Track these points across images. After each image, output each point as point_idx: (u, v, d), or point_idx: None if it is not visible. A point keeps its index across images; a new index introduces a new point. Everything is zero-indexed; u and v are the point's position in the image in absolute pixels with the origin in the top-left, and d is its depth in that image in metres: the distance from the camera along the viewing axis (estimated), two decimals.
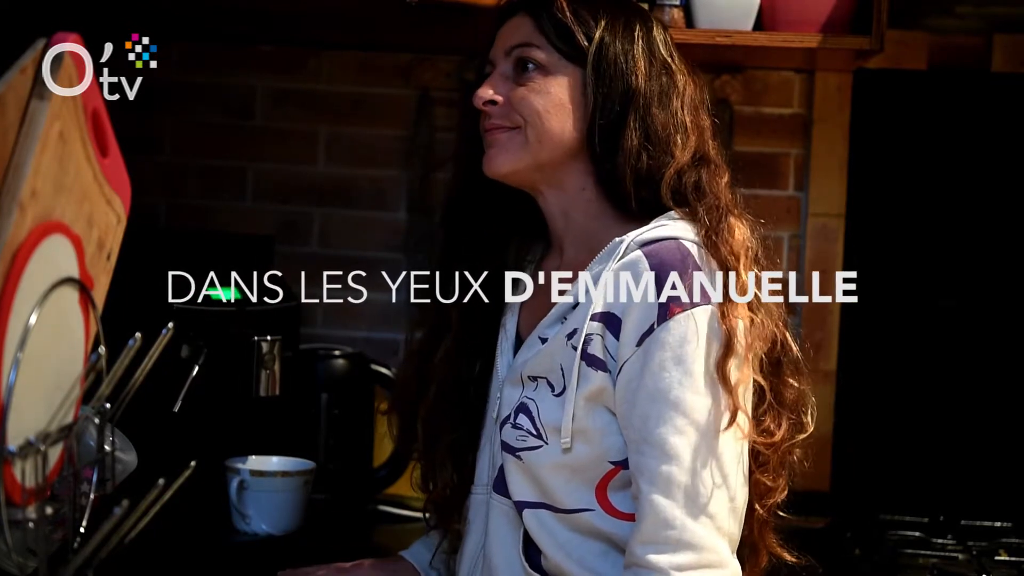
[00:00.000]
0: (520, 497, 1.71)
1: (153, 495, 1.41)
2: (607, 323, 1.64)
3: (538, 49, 1.73)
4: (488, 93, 1.74)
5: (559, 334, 1.69)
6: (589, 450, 1.66)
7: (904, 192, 2.66)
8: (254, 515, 2.12)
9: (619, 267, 1.66)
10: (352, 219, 2.72)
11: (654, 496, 1.59)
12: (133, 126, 1.74)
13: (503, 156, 1.73)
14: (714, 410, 1.60)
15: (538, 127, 1.72)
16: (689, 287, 1.61)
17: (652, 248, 1.65)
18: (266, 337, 2.25)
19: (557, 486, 1.68)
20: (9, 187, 1.27)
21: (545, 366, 1.70)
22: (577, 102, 1.71)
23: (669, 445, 1.59)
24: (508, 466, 1.72)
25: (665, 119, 1.71)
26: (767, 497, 1.71)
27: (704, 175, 1.71)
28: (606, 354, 1.64)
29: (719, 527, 1.60)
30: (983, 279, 2.65)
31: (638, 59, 1.72)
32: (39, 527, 1.32)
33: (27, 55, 1.32)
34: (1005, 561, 2.30)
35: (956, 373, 2.64)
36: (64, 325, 1.39)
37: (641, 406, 1.61)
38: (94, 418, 1.45)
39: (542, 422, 1.68)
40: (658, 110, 1.71)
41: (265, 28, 2.56)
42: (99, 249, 1.46)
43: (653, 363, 1.60)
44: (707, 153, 1.73)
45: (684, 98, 1.73)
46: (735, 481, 1.62)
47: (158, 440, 1.84)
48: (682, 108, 1.73)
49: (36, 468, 1.32)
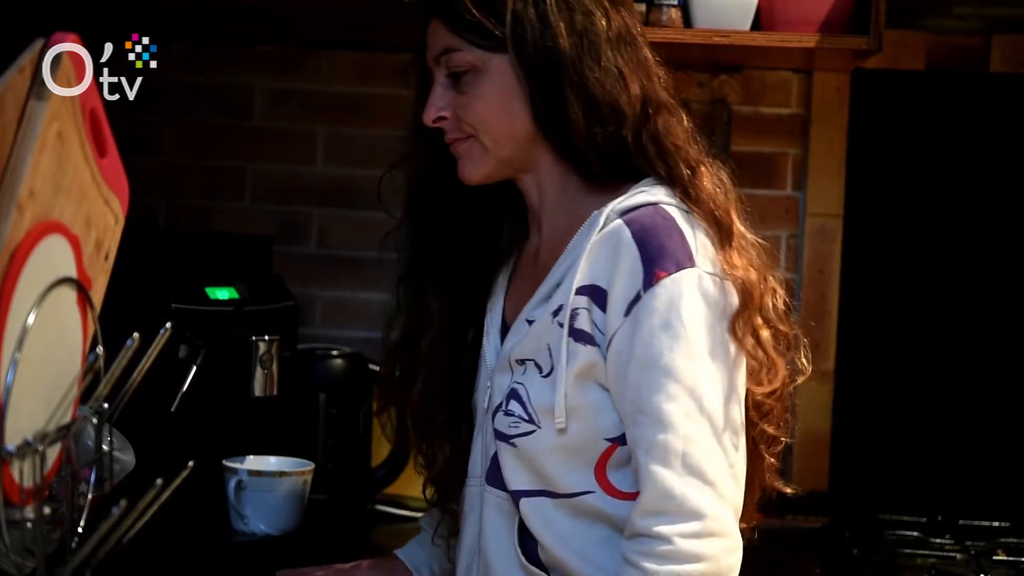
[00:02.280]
0: (517, 486, 1.67)
1: (151, 495, 1.41)
2: (593, 296, 1.60)
3: (460, 53, 1.66)
4: (431, 113, 1.71)
5: (545, 312, 1.64)
6: (584, 429, 1.62)
7: (902, 192, 2.66)
8: (252, 515, 2.12)
9: (600, 238, 1.60)
10: (351, 219, 2.72)
11: (652, 467, 1.55)
12: (132, 126, 1.74)
13: (470, 167, 1.69)
14: (707, 374, 1.56)
15: (488, 132, 1.66)
16: (673, 250, 1.57)
17: (632, 215, 1.60)
18: (264, 337, 2.25)
19: (555, 470, 1.64)
20: (7, 187, 1.27)
21: (532, 347, 1.65)
22: (514, 92, 1.64)
23: (663, 413, 1.55)
24: (503, 455, 1.68)
25: (602, 76, 1.62)
26: (774, 445, 1.69)
27: (660, 124, 1.64)
28: (594, 328, 1.60)
29: (720, 494, 1.55)
30: (981, 279, 2.65)
31: (556, 20, 1.62)
32: (37, 527, 1.32)
33: (25, 55, 1.31)
34: (1003, 561, 2.30)
35: (954, 373, 2.64)
36: (62, 325, 1.39)
37: (633, 376, 1.57)
38: (92, 418, 1.45)
39: (533, 406, 1.64)
40: (592, 69, 1.62)
41: (264, 28, 2.57)
42: (97, 249, 1.46)
43: (642, 331, 1.56)
44: (655, 96, 1.65)
45: (612, 40, 1.64)
46: (734, 446, 1.58)
47: (156, 440, 1.84)
48: (614, 53, 1.63)
49: (34, 468, 1.32)
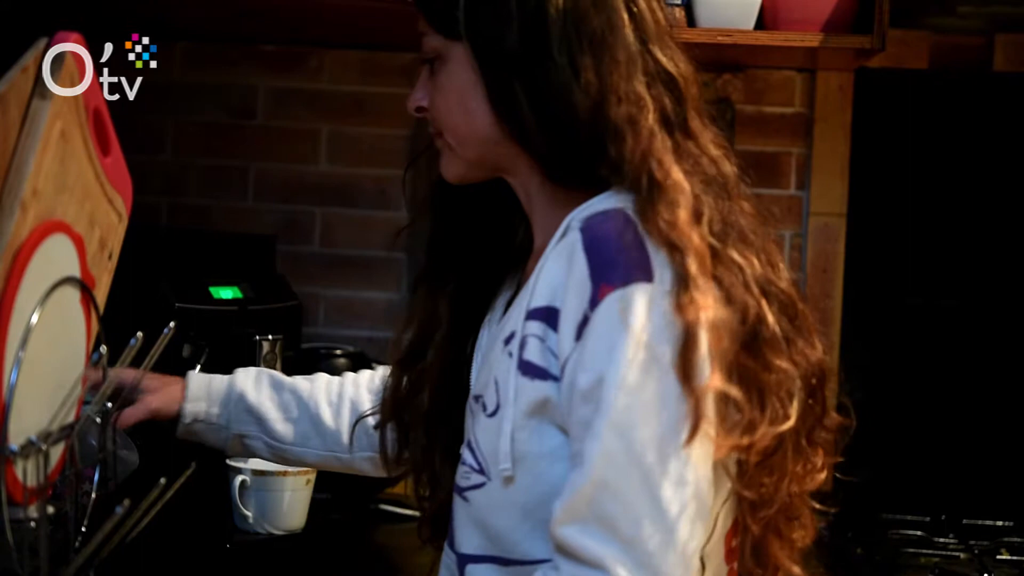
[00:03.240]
0: (465, 549, 1.43)
1: (154, 494, 1.41)
2: (547, 319, 1.35)
3: (427, 37, 1.47)
4: (410, 104, 1.52)
5: (496, 340, 1.43)
6: (534, 481, 1.35)
7: (905, 191, 2.66)
8: (256, 514, 2.12)
9: (556, 251, 1.37)
10: (354, 218, 2.72)
11: (557, 509, 1.30)
12: (135, 125, 1.74)
13: (444, 166, 1.51)
14: (646, 412, 1.27)
15: (449, 129, 1.47)
16: (625, 262, 1.30)
17: (590, 222, 1.35)
18: (267, 336, 2.25)
19: (508, 532, 1.38)
20: (11, 186, 1.27)
21: (483, 382, 1.43)
22: (472, 86, 1.43)
23: (583, 453, 1.28)
24: (456, 511, 1.45)
25: (555, 74, 1.38)
26: (760, 509, 1.38)
27: (625, 129, 1.37)
28: (548, 357, 1.34)
29: (640, 559, 1.26)
30: (985, 278, 2.65)
31: (515, 6, 1.39)
32: (41, 526, 1.32)
33: (28, 55, 1.32)
34: (1007, 560, 2.30)
35: (957, 372, 2.64)
36: (65, 324, 1.40)
37: (576, 412, 1.31)
38: (96, 417, 1.45)
39: (482, 452, 1.40)
40: (544, 65, 1.38)
41: (267, 27, 2.56)
42: (101, 248, 1.46)
43: (585, 358, 1.30)
44: (621, 98, 1.39)
45: (579, 35, 1.39)
46: (677, 503, 1.27)
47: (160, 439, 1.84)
48: (578, 50, 1.38)
49: (38, 467, 1.32)
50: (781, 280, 1.40)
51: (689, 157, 1.40)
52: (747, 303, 1.34)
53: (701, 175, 1.39)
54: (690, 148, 1.41)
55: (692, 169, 1.39)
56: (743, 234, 1.38)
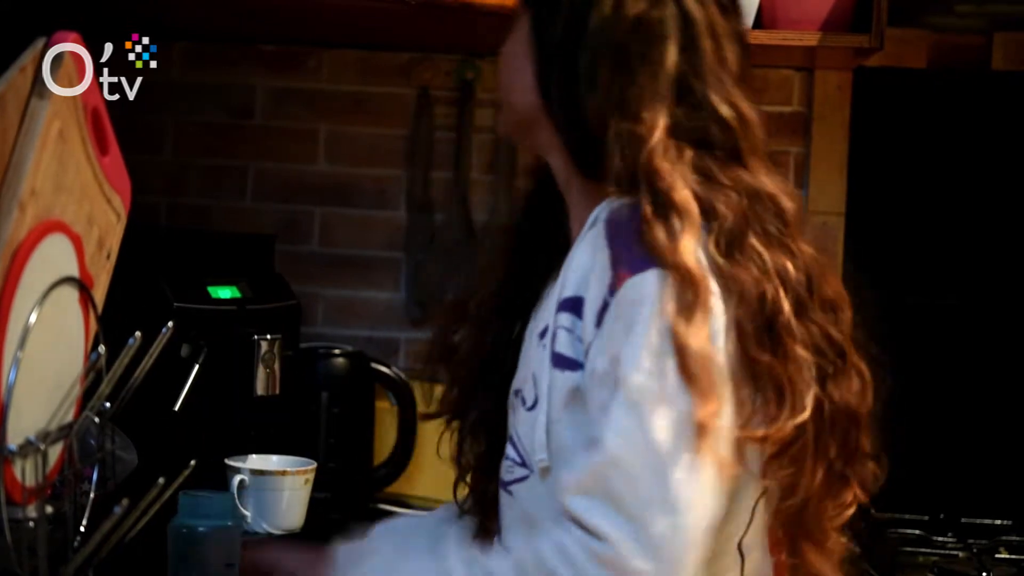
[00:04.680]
0: (509, 544, 1.44)
1: (153, 494, 1.41)
2: (575, 309, 1.37)
3: None
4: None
5: (532, 334, 1.46)
6: None
7: (904, 190, 2.66)
8: (254, 514, 2.12)
9: (586, 241, 1.40)
10: (353, 218, 2.72)
11: (564, 478, 1.33)
12: (133, 125, 1.74)
13: (497, 120, 1.59)
14: (660, 392, 1.29)
15: (502, 85, 1.54)
16: (644, 246, 1.33)
17: (614, 212, 1.38)
18: (266, 336, 2.25)
19: (550, 524, 1.37)
20: (9, 186, 1.27)
21: (521, 376, 1.46)
22: (524, 52, 1.48)
23: (601, 435, 1.30)
24: (503, 508, 1.48)
25: (577, 72, 1.43)
26: (784, 499, 1.39)
27: (622, 138, 1.40)
28: (576, 347, 1.37)
29: (640, 534, 1.27)
30: (984, 277, 2.65)
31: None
32: (39, 526, 1.32)
33: (27, 54, 1.32)
34: (1006, 559, 2.30)
35: (956, 371, 2.64)
36: (64, 324, 1.40)
37: (595, 396, 1.33)
38: (94, 417, 1.45)
39: (522, 445, 1.43)
40: (580, 58, 1.43)
41: (266, 27, 2.56)
42: (99, 248, 1.46)
43: (604, 342, 1.33)
44: (621, 101, 1.41)
45: (617, 39, 1.43)
46: (687, 485, 1.29)
47: (158, 439, 1.84)
48: (614, 50, 1.42)
49: (36, 467, 1.32)
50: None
51: (720, 185, 1.40)
52: (764, 291, 1.35)
53: (732, 200, 1.39)
54: (721, 177, 1.40)
55: (718, 195, 1.39)
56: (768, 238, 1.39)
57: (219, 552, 1.79)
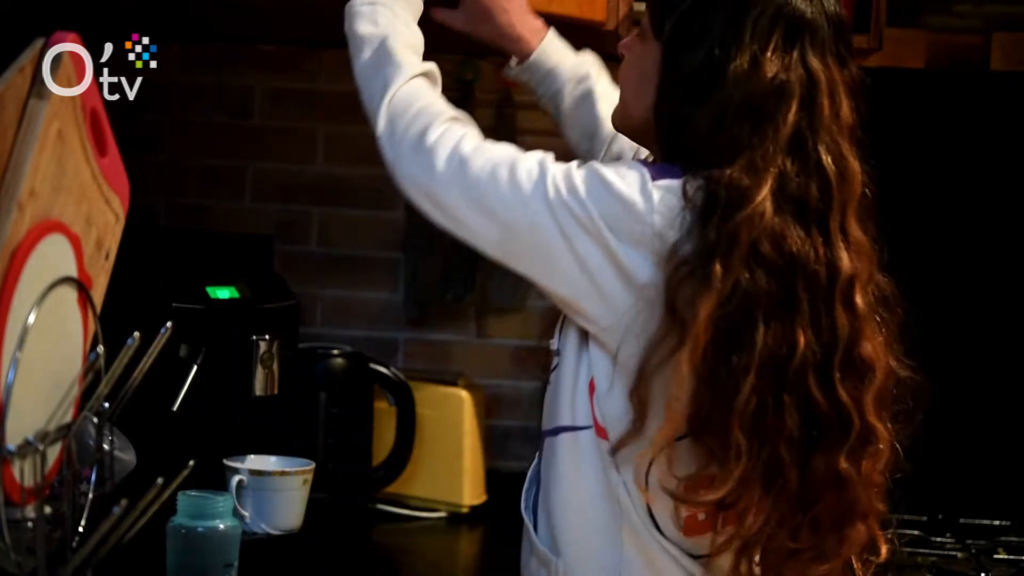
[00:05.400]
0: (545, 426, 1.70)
1: (152, 494, 1.41)
2: None
3: (645, 16, 1.65)
4: (620, 47, 1.70)
5: None
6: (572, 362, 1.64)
7: (902, 191, 2.66)
8: (253, 514, 2.12)
9: None
10: (351, 218, 2.72)
11: None
12: (132, 126, 1.74)
13: (612, 112, 1.73)
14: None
15: (621, 91, 1.69)
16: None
17: None
18: (265, 336, 2.25)
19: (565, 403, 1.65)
20: (7, 186, 1.27)
21: None
22: (650, 76, 1.61)
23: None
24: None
25: (703, 117, 1.54)
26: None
27: (735, 190, 1.50)
28: None
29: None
30: (983, 278, 2.65)
31: (702, 44, 1.55)
32: (38, 526, 1.32)
33: (26, 54, 1.32)
34: (1004, 560, 2.30)
35: (954, 371, 2.64)
36: (63, 325, 1.40)
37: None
38: (93, 417, 1.45)
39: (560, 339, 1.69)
40: (705, 106, 1.54)
41: (264, 28, 2.56)
42: (98, 248, 1.46)
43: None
44: (741, 150, 1.52)
45: (739, 85, 1.52)
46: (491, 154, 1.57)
47: (157, 439, 1.84)
48: (728, 101, 1.52)
49: (35, 467, 1.32)
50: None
51: (791, 231, 1.50)
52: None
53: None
54: (794, 232, 1.50)
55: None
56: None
57: (218, 552, 1.80)
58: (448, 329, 2.73)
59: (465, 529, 2.43)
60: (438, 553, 2.35)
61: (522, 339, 2.71)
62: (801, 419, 1.49)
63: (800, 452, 1.49)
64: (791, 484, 1.49)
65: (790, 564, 1.53)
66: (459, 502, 2.47)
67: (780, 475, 1.48)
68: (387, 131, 1.64)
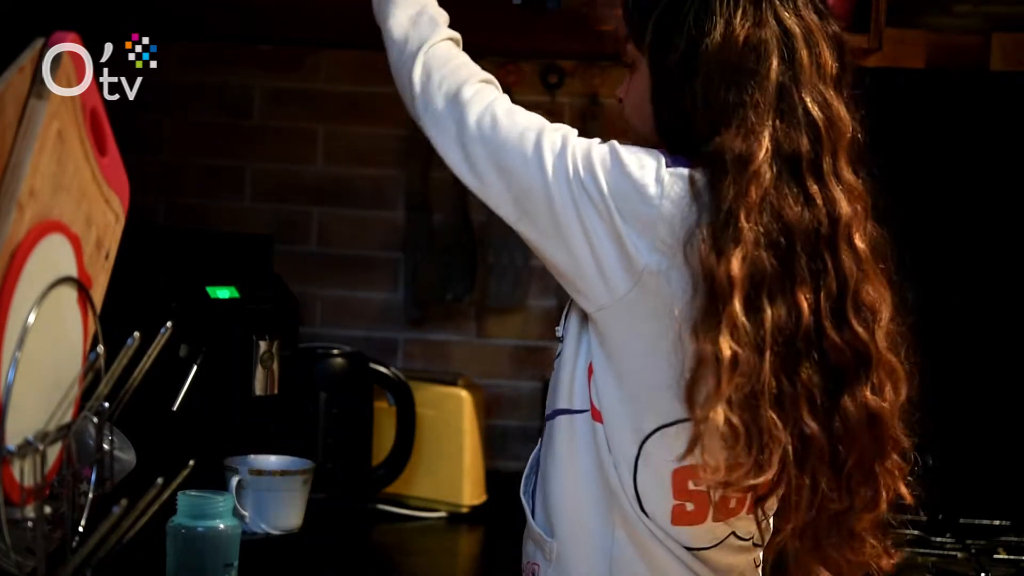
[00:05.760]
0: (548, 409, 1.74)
1: (152, 494, 1.41)
2: None
3: (629, 46, 1.70)
4: (618, 92, 1.74)
5: None
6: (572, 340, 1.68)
7: (902, 191, 2.66)
8: (253, 514, 2.12)
9: None
10: (351, 218, 2.72)
11: None
12: (132, 125, 1.74)
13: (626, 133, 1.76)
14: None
15: (630, 120, 1.72)
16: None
17: None
18: (264, 336, 2.25)
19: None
20: (7, 186, 1.27)
21: None
22: (647, 91, 1.66)
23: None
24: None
25: (691, 99, 1.60)
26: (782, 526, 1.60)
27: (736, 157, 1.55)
28: None
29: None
30: (982, 278, 2.65)
31: (676, 43, 1.61)
32: (38, 526, 1.32)
33: (25, 54, 1.32)
34: (1004, 560, 2.30)
35: (953, 371, 2.64)
36: (62, 324, 1.39)
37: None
38: (93, 417, 1.45)
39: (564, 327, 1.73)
40: (690, 89, 1.60)
41: (264, 28, 2.56)
42: (97, 248, 1.46)
43: None
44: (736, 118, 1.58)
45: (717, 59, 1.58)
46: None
47: (157, 439, 1.84)
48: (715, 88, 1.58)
49: (35, 467, 1.32)
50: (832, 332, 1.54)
51: (787, 198, 1.55)
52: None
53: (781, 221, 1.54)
54: (791, 189, 1.55)
55: (773, 213, 1.54)
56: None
57: (218, 552, 1.80)
58: (448, 329, 2.73)
59: (465, 529, 2.43)
60: (438, 553, 2.35)
61: (522, 339, 2.71)
62: (822, 378, 1.53)
63: (828, 409, 1.53)
64: (823, 449, 1.52)
65: (830, 535, 1.58)
66: (459, 502, 2.47)
67: (811, 446, 1.52)
68: (422, 79, 1.66)
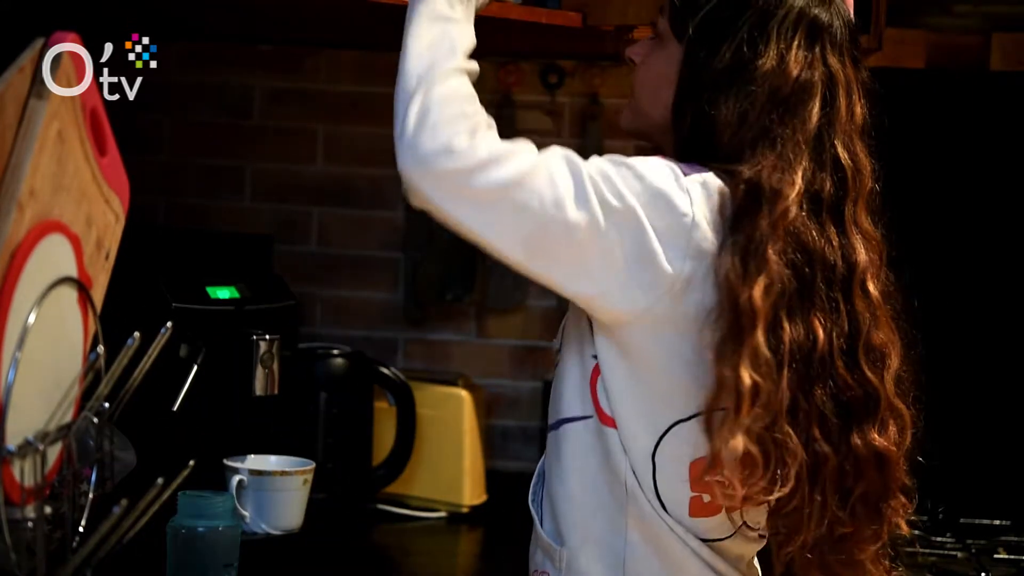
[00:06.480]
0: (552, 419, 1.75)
1: (152, 494, 1.41)
2: None
3: (662, 20, 1.68)
4: (629, 52, 1.73)
5: None
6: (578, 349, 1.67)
7: (901, 191, 2.66)
8: (253, 514, 2.12)
9: None
10: (351, 218, 2.72)
11: None
12: (132, 125, 1.74)
13: (623, 115, 1.75)
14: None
15: (637, 96, 1.71)
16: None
17: None
18: (264, 336, 2.24)
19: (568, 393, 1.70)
20: (7, 187, 1.27)
21: None
22: (670, 78, 1.65)
23: None
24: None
25: (727, 113, 1.59)
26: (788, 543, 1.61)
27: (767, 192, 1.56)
28: None
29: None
30: (982, 277, 2.65)
31: (728, 46, 1.60)
32: (38, 526, 1.32)
33: (25, 54, 1.32)
34: (1004, 559, 2.30)
35: (953, 371, 2.64)
36: (63, 324, 1.39)
37: None
38: (93, 417, 1.45)
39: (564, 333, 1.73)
40: (728, 103, 1.60)
41: (263, 28, 2.56)
42: (98, 248, 1.46)
43: None
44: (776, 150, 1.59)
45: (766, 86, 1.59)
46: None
47: (157, 439, 1.84)
48: (759, 103, 1.59)
49: (35, 467, 1.32)
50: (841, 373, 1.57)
51: (811, 231, 1.58)
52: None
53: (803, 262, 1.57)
54: (812, 229, 1.58)
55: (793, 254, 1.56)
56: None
57: (218, 552, 1.80)
58: (448, 329, 2.73)
59: (465, 529, 2.43)
60: (438, 553, 2.35)
61: (522, 339, 2.71)
62: (834, 405, 1.56)
63: (838, 436, 1.56)
64: (834, 470, 1.56)
65: (835, 553, 1.62)
66: (459, 502, 2.47)
67: (823, 465, 1.55)
68: (419, 116, 1.54)
